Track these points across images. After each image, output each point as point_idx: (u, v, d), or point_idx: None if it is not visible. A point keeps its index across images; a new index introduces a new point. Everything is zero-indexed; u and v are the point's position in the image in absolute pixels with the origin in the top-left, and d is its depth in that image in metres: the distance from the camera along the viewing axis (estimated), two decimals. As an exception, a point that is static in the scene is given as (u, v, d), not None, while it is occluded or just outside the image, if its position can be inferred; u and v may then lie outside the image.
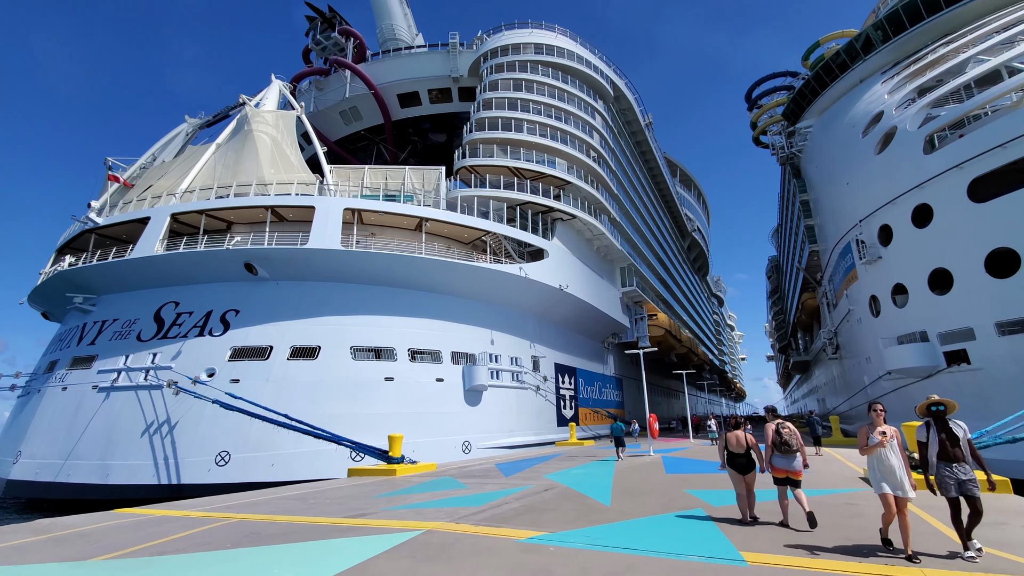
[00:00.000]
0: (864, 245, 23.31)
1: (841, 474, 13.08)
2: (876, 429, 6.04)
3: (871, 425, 6.15)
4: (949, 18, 27.68)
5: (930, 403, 5.84)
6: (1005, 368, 16.87)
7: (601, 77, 40.06)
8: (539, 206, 30.17)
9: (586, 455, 20.75)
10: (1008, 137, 17.06)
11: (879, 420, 6.09)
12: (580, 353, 34.50)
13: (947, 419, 5.80)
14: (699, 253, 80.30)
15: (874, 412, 6.15)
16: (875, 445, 5.90)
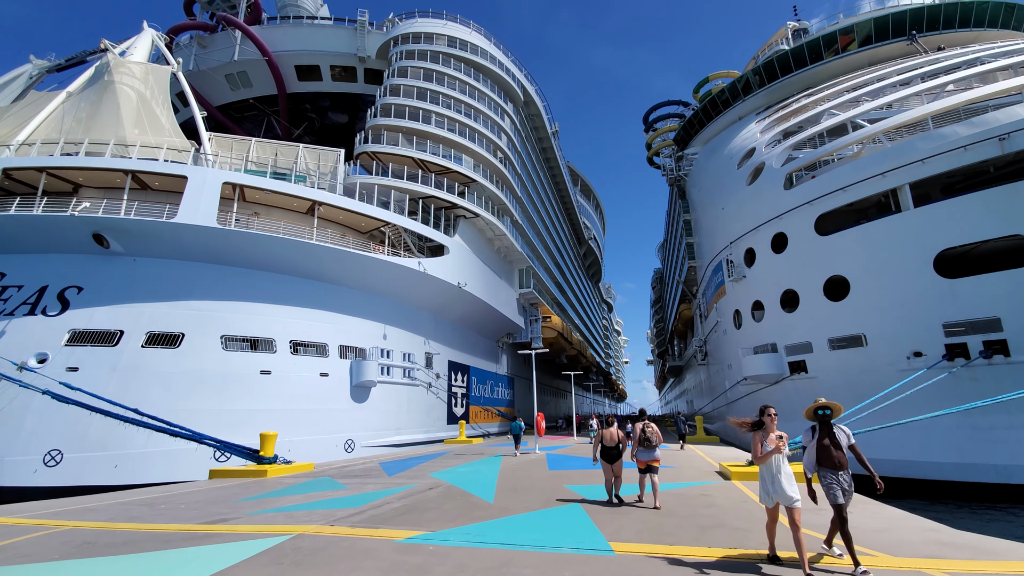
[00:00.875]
0: (732, 264, 26.05)
1: (700, 468, 14.38)
2: (770, 435, 5.58)
3: (764, 431, 5.65)
4: (811, 74, 32.02)
5: (817, 406, 5.55)
6: (833, 377, 19.80)
7: (512, 80, 40.56)
8: (443, 201, 29.71)
9: (474, 453, 20.75)
10: (848, 182, 20.01)
11: (772, 425, 5.63)
12: (475, 351, 34.61)
13: (832, 423, 5.58)
14: (593, 260, 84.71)
15: (767, 416, 5.65)
16: (770, 452, 5.44)
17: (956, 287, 16.67)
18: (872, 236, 18.98)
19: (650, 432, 8.95)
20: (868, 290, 18.84)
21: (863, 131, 21.30)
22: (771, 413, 5.60)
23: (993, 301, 15.96)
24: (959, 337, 16.49)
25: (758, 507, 8.78)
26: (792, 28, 38.36)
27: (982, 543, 6.39)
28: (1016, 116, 16.47)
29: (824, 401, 5.58)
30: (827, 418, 5.54)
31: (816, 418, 5.59)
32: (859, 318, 19.08)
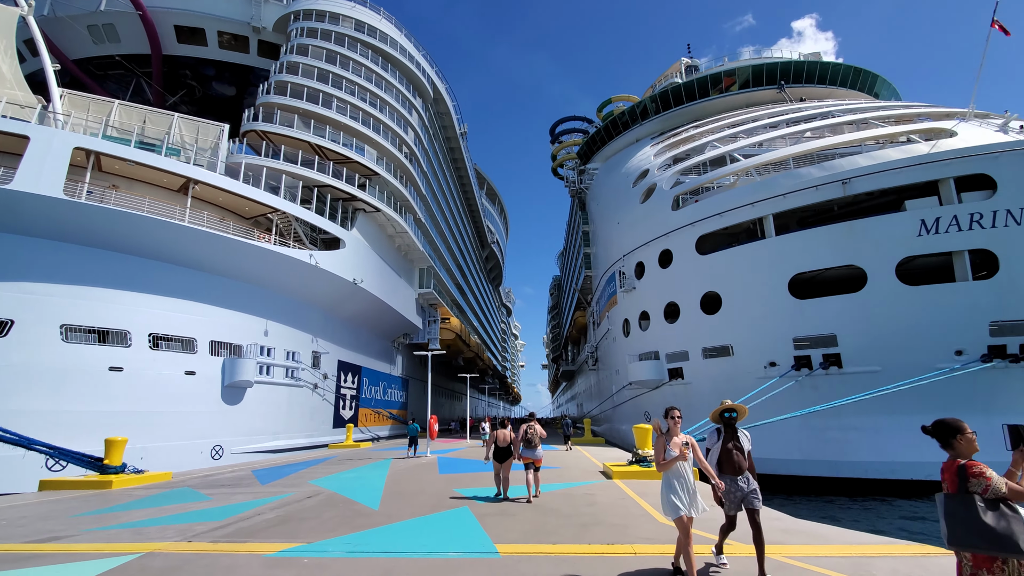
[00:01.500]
0: (624, 276, 27.72)
1: (585, 468, 15.00)
2: (673, 439, 5.06)
3: (667, 434, 5.12)
4: (699, 108, 35.24)
5: (723, 409, 5.25)
6: (704, 383, 21.81)
7: (422, 75, 39.71)
8: (341, 192, 28.11)
9: (362, 458, 19.86)
10: (724, 208, 22.22)
11: (676, 428, 5.14)
12: (368, 351, 33.11)
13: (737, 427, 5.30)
14: (495, 264, 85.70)
15: (671, 419, 5.14)
16: (674, 459, 4.90)
17: (804, 307, 19.18)
18: (741, 258, 21.25)
19: (532, 433, 9.86)
20: (736, 306, 21.03)
21: (738, 164, 23.83)
22: (675, 416, 5.11)
23: (831, 320, 18.59)
24: (805, 350, 18.98)
25: (635, 503, 9.31)
26: (685, 64, 42.04)
27: (815, 529, 7.39)
28: (856, 164, 19.41)
29: (730, 403, 5.28)
30: (733, 421, 5.26)
31: (722, 421, 5.30)
32: (728, 330, 21.22)
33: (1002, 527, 2.75)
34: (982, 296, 16.76)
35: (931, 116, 22.45)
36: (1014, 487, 2.83)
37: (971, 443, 3.07)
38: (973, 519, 2.82)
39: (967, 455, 3.05)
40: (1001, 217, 16.76)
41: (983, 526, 2.78)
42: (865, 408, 16.00)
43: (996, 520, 2.77)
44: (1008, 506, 2.80)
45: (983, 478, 2.88)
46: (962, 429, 3.11)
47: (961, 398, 16.03)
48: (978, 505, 2.83)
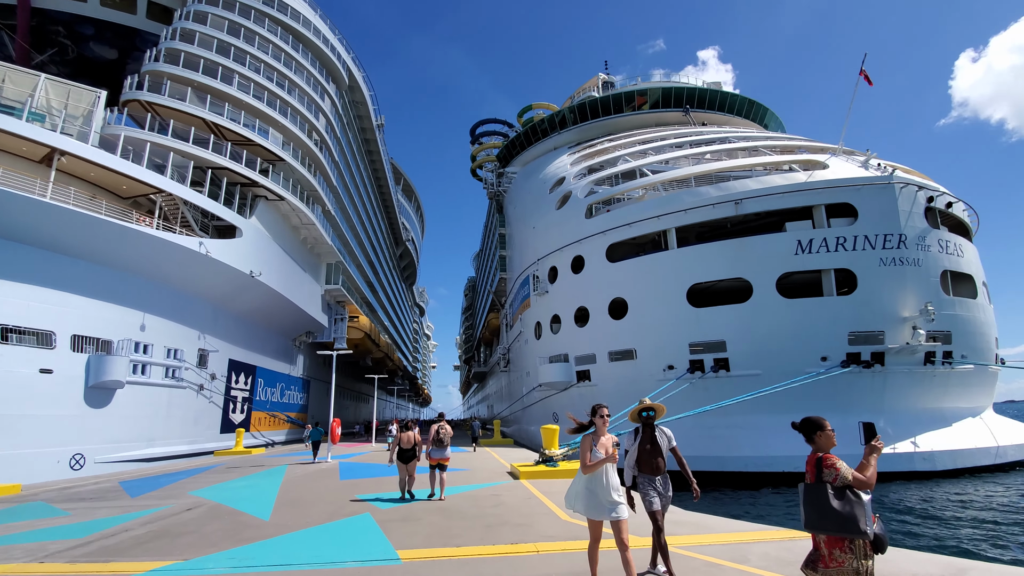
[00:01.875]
0: (538, 280, 28.27)
1: (493, 470, 15.07)
2: (601, 439, 4.67)
3: (595, 435, 4.71)
4: (614, 122, 36.98)
5: (642, 408, 5.09)
6: (610, 384, 22.80)
7: (337, 60, 37.79)
8: (240, 177, 25.83)
9: (253, 465, 18.36)
10: (633, 220, 23.47)
11: (604, 428, 4.75)
12: (264, 350, 30.66)
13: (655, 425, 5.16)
14: (409, 263, 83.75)
15: (599, 418, 4.72)
16: (602, 461, 4.45)
17: (700, 315, 20.74)
18: (646, 268, 22.53)
19: (443, 434, 10.06)
20: (640, 312, 22.24)
21: (647, 179, 25.30)
22: (604, 414, 4.73)
23: (722, 327, 20.27)
24: (699, 355, 20.50)
25: (540, 503, 9.43)
26: (603, 79, 43.99)
27: (702, 520, 7.95)
28: (747, 187, 21.38)
29: (648, 402, 5.14)
30: (651, 420, 5.11)
31: (640, 420, 5.15)
32: (632, 335, 22.37)
33: (846, 511, 3.07)
34: (843, 309, 19.16)
35: (809, 149, 25.35)
36: (858, 476, 3.16)
37: (830, 438, 3.40)
38: (824, 505, 3.14)
39: (826, 449, 3.37)
40: (860, 241, 19.30)
41: (831, 511, 3.10)
42: (748, 408, 17.60)
43: (842, 505, 3.09)
44: (854, 493, 3.12)
45: (833, 468, 3.19)
46: (823, 426, 3.43)
47: (825, 398, 18.17)
48: (829, 492, 3.14)
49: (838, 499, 3.12)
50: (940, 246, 19.98)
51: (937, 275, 19.64)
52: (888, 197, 19.66)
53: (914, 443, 17.85)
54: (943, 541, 10.25)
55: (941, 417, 19.21)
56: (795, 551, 5.94)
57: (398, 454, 10.09)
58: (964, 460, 17.87)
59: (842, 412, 18.37)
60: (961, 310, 20.08)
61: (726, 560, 5.61)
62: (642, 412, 5.09)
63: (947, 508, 13.18)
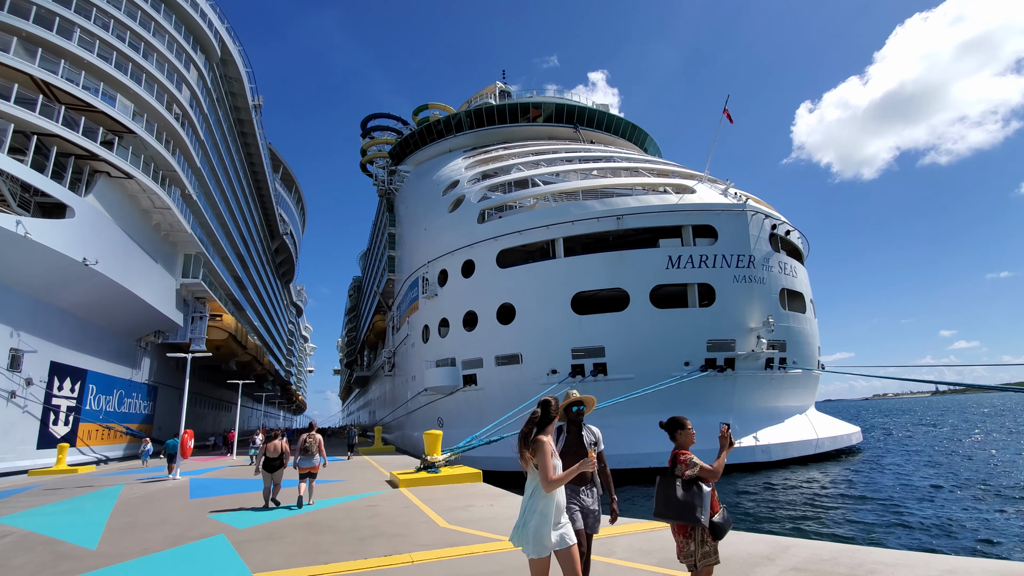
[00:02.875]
0: (428, 282, 27.67)
1: (371, 479, 14.39)
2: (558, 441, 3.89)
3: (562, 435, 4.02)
4: (510, 131, 37.71)
5: (570, 402, 4.10)
6: (495, 388, 22.93)
7: (208, 28, 33.84)
8: (75, 147, 21.82)
9: (80, 485, 15.57)
10: (524, 227, 23.97)
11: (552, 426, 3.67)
12: (98, 352, 26.04)
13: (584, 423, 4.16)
14: (287, 258, 77.51)
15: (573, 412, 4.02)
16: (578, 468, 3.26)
17: (582, 321, 21.74)
18: (535, 274, 23.14)
19: (310, 442, 10.18)
20: (527, 317, 22.74)
21: (538, 189, 26.06)
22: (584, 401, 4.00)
23: (601, 334, 21.45)
24: (580, 359, 21.47)
25: (419, 510, 9.08)
26: (500, 88, 44.71)
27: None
28: (628, 204, 22.98)
29: (577, 394, 4.17)
30: (580, 416, 4.10)
31: (569, 416, 4.11)
32: (519, 340, 22.77)
33: (686, 500, 3.32)
34: (704, 319, 21.33)
35: (680, 175, 27.99)
36: (705, 467, 3.40)
37: (688, 436, 3.64)
38: (670, 495, 3.39)
39: (685, 445, 3.61)
40: (719, 260, 21.67)
41: (675, 500, 3.35)
42: (622, 409, 18.74)
43: (684, 496, 3.34)
44: (698, 485, 3.37)
45: (684, 464, 3.45)
46: (683, 425, 3.68)
47: (688, 399, 19.99)
48: (676, 484, 3.39)
49: (683, 490, 3.37)
50: (780, 267, 23.16)
51: (777, 292, 22.73)
52: (742, 223, 22.35)
53: (755, 438, 20.36)
54: (775, 521, 11.71)
55: (777, 415, 22.19)
56: (655, 541, 6.35)
57: (264, 463, 9.99)
58: (793, 451, 20.78)
59: (701, 411, 20.28)
60: (794, 323, 23.44)
61: (595, 554, 5.72)
62: (571, 407, 4.07)
63: (778, 493, 15.16)
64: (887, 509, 12.78)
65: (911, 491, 15.20)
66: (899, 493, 14.84)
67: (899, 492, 14.99)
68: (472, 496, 10.51)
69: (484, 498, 10.22)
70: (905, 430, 41.63)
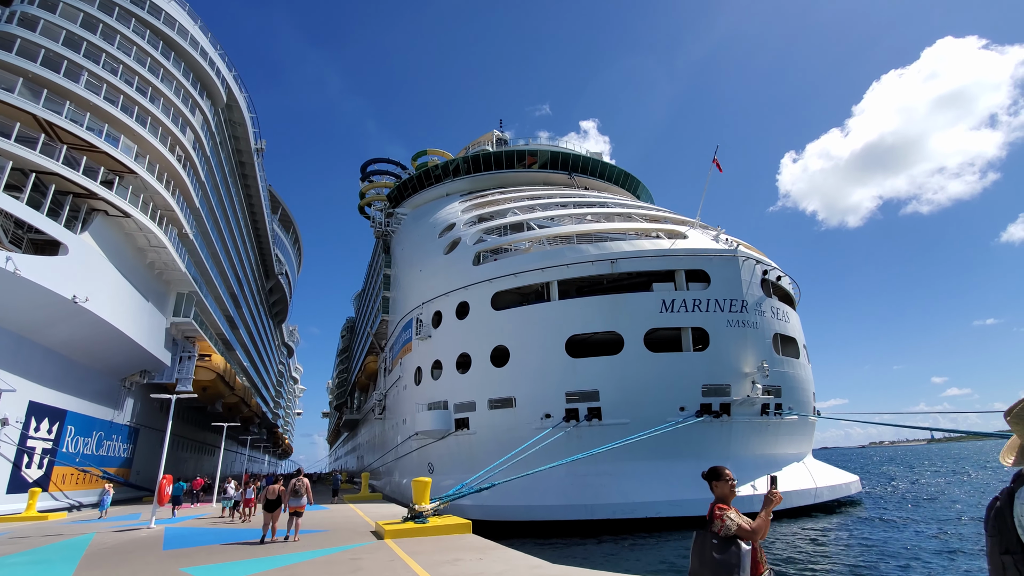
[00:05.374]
0: (422, 324, 27.49)
1: (356, 529, 13.81)
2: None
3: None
4: (505, 176, 38.59)
5: None
6: (488, 433, 22.39)
7: (216, 75, 35.01)
8: (73, 185, 22.02)
9: (48, 534, 14.81)
10: (518, 270, 24.11)
11: None
12: (80, 392, 25.32)
13: None
14: (281, 298, 77.12)
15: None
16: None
17: (577, 364, 21.53)
18: (529, 317, 23.08)
19: (299, 485, 11.99)
20: (521, 360, 22.51)
21: (533, 232, 26.41)
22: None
23: (596, 377, 21.20)
24: (574, 403, 21.11)
25: (404, 565, 8.67)
26: (496, 136, 46.10)
27: (569, 574, 7.85)
28: (622, 248, 23.26)
29: None
30: None
31: None
32: (513, 383, 22.45)
33: (722, 560, 3.09)
34: (698, 364, 21.18)
35: (672, 220, 28.51)
36: (743, 526, 3.17)
37: (725, 486, 3.41)
38: (705, 554, 3.18)
39: (723, 498, 3.38)
40: (712, 304, 21.76)
41: (710, 559, 3.13)
42: (616, 455, 18.28)
43: (721, 555, 3.11)
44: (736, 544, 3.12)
45: (718, 519, 3.22)
46: (719, 475, 3.46)
47: (683, 446, 19.60)
48: (711, 542, 3.18)
49: (720, 549, 3.14)
50: (772, 312, 23.26)
51: (770, 337, 22.72)
52: (733, 268, 22.60)
53: (753, 486, 19.80)
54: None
55: (774, 462, 21.69)
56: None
57: (264, 504, 11.84)
58: (792, 500, 20.19)
59: (695, 458, 19.87)
60: (788, 368, 23.31)
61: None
62: None
63: (777, 545, 14.61)
64: (892, 562, 12.32)
65: (916, 545, 14.71)
66: (904, 548, 14.35)
67: (904, 547, 14.50)
68: (461, 549, 10.06)
69: (473, 551, 9.78)
70: (908, 480, 40.70)
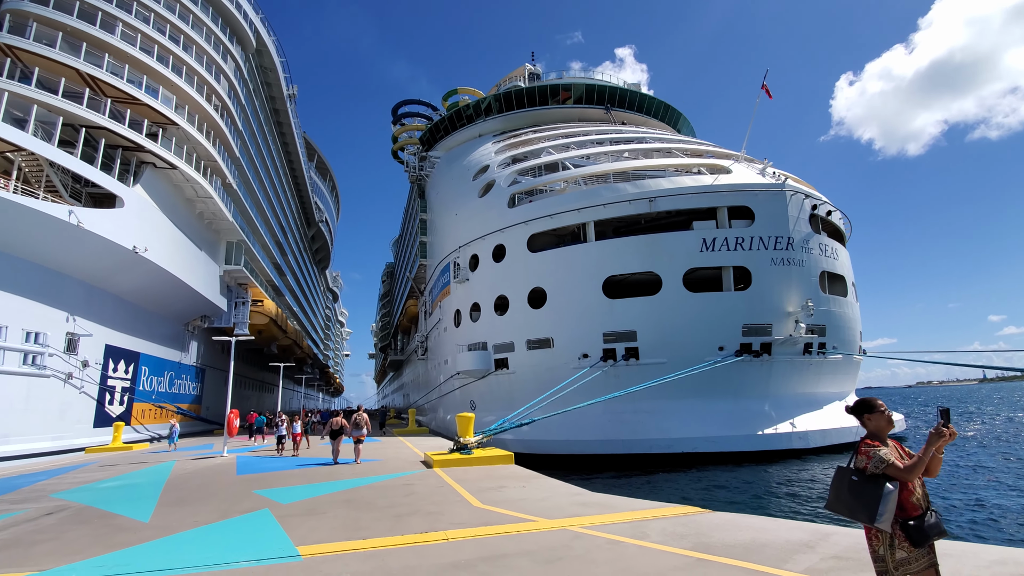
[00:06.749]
0: (459, 267, 27.92)
1: (407, 459, 14.81)
2: None
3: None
4: (539, 114, 37.29)
5: None
6: (527, 372, 23.11)
7: (243, 18, 34.53)
8: (122, 139, 22.82)
9: (133, 462, 16.58)
10: (554, 211, 23.81)
11: None
12: (150, 335, 27.52)
13: None
14: (322, 245, 79.42)
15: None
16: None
17: (614, 305, 21.58)
18: (565, 259, 23.02)
19: (359, 419, 14.39)
20: (559, 302, 22.71)
21: (569, 172, 25.79)
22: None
23: (633, 318, 21.25)
24: (612, 344, 21.36)
25: (452, 490, 9.32)
26: (529, 70, 44.13)
27: (608, 501, 8.24)
28: (660, 186, 22.48)
29: None
30: None
31: None
32: (550, 324, 22.81)
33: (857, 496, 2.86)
34: (739, 303, 20.84)
35: (715, 155, 27.16)
36: (895, 463, 2.84)
37: (880, 419, 3.08)
38: (840, 488, 2.98)
39: (876, 433, 3.08)
40: (756, 242, 21.05)
41: (844, 495, 2.94)
42: (653, 393, 18.63)
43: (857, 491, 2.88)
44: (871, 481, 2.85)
45: (863, 455, 2.97)
46: (871, 407, 3.13)
47: (721, 385, 19.72)
48: (850, 478, 2.95)
49: (857, 486, 2.90)
50: (820, 249, 22.34)
51: (817, 275, 21.96)
52: (780, 203, 21.59)
53: (792, 424, 19.92)
54: (814, 510, 11.50)
55: (815, 401, 21.60)
56: (690, 526, 6.31)
57: (330, 433, 14.54)
58: (832, 438, 20.24)
59: (735, 397, 20.07)
60: (834, 307, 22.64)
61: (627, 537, 5.84)
62: None
63: (817, 481, 14.85)
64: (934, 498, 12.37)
65: (959, 481, 14.64)
66: (946, 482, 14.32)
67: (946, 481, 14.46)
68: (504, 478, 10.69)
69: (516, 480, 10.38)
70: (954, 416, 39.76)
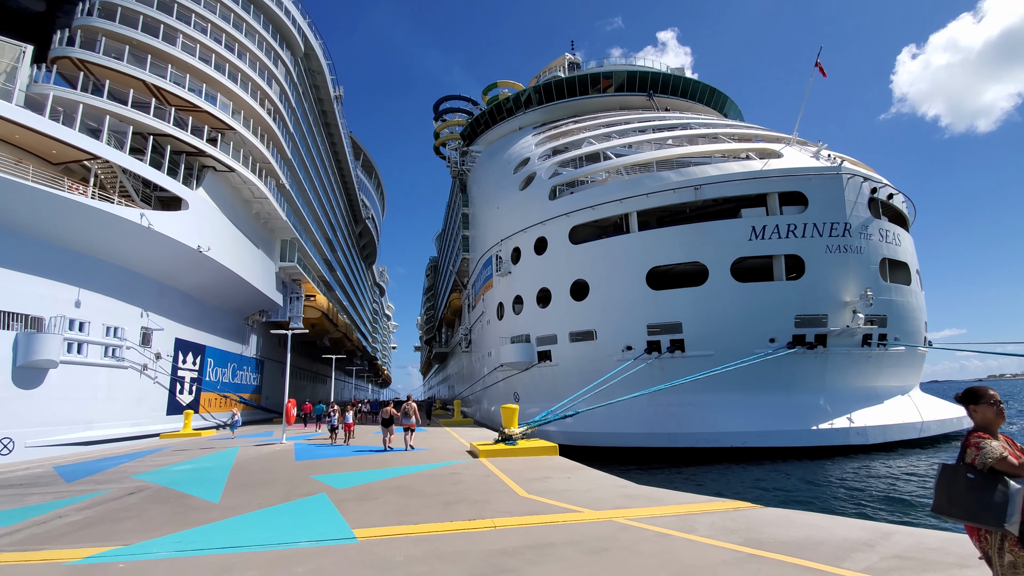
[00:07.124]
0: (501, 260, 28.15)
1: (453, 449, 15.19)
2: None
3: None
4: (579, 104, 36.86)
5: None
6: (570, 365, 23.12)
7: (292, 24, 35.84)
8: (185, 145, 24.30)
9: (202, 447, 17.81)
10: (596, 202, 23.57)
11: None
12: (214, 329, 29.36)
13: None
14: (369, 241, 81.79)
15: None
16: None
17: (658, 297, 21.21)
18: (608, 250, 22.78)
19: (409, 408, 15.36)
20: (601, 293, 22.54)
21: (610, 162, 25.42)
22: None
23: (679, 309, 20.82)
24: (656, 336, 21.03)
25: (498, 480, 9.52)
26: (568, 60, 43.65)
27: (654, 494, 8.20)
28: (706, 173, 21.82)
29: None
30: None
31: None
32: (593, 316, 22.68)
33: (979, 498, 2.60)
34: (791, 293, 20.02)
35: (764, 138, 26.07)
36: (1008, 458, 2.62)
37: (989, 410, 2.83)
38: (956, 488, 2.71)
39: (985, 425, 2.85)
40: (810, 229, 20.13)
41: (963, 496, 2.67)
42: (699, 386, 18.23)
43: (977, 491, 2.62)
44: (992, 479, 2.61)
45: (972, 447, 2.74)
46: (979, 396, 2.87)
47: (772, 378, 19.07)
48: (965, 475, 2.69)
49: (975, 484, 2.64)
50: (880, 235, 21.10)
51: (877, 262, 20.77)
52: (836, 187, 20.52)
53: (850, 419, 19.03)
54: (874, 508, 11.01)
55: (875, 395, 20.53)
56: (739, 520, 6.22)
57: (382, 422, 15.47)
58: (893, 434, 19.22)
59: (786, 391, 19.37)
60: (896, 296, 21.37)
61: (675, 530, 5.83)
62: None
63: (877, 478, 14.17)
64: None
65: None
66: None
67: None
68: (549, 468, 10.83)
69: (561, 471, 10.49)
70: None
